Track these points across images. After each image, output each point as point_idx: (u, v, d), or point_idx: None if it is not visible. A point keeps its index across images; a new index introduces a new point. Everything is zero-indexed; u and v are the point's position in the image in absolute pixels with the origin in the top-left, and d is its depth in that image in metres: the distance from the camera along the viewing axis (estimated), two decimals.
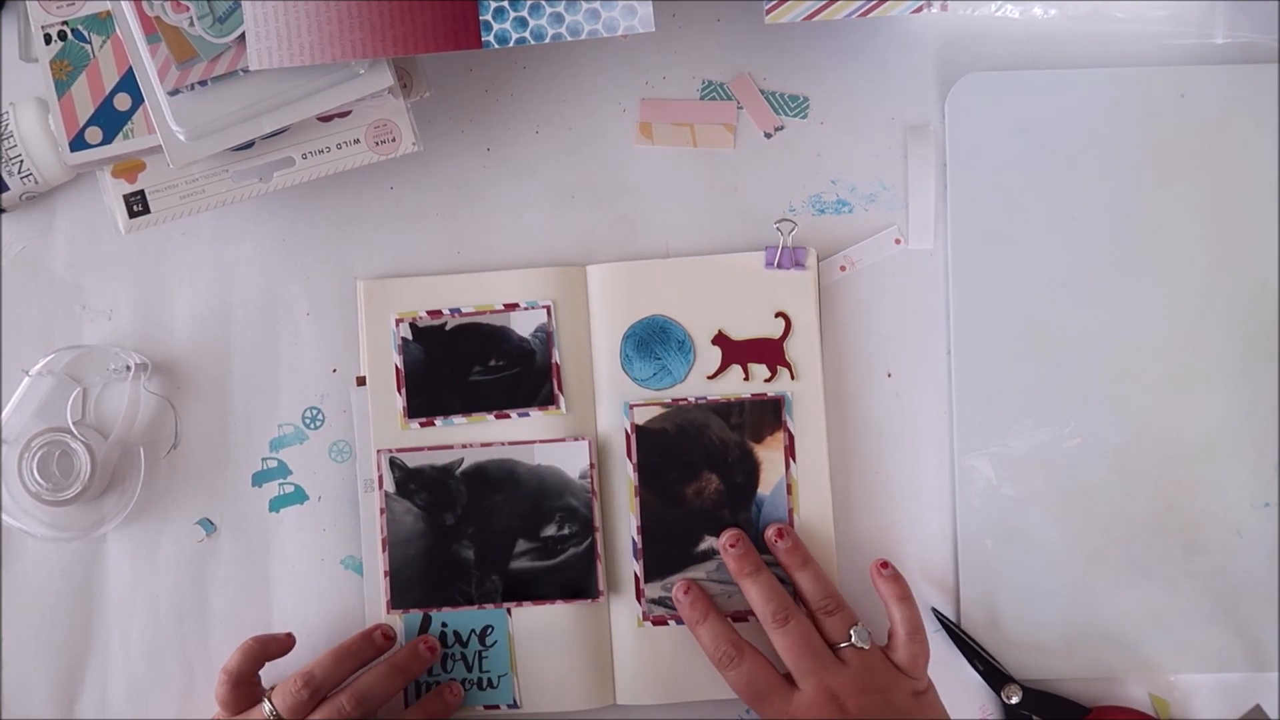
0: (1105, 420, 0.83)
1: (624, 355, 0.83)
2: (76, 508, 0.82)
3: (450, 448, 0.82)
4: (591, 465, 0.82)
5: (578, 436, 0.83)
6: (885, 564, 0.81)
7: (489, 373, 0.83)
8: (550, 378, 0.83)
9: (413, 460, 0.82)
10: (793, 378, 0.83)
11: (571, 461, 0.82)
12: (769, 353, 0.83)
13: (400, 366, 0.83)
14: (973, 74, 0.84)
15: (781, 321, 0.83)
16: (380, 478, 0.82)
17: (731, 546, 0.80)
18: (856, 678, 0.76)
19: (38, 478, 0.81)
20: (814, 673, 0.76)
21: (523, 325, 0.83)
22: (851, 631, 0.78)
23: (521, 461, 0.82)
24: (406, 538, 0.82)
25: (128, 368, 0.82)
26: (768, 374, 0.83)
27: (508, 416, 0.83)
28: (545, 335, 0.83)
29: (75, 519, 0.83)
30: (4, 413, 0.81)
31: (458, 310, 0.83)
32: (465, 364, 0.83)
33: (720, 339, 0.83)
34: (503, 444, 0.82)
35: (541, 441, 0.82)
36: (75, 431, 0.81)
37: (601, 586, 0.82)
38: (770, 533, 0.81)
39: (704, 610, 0.80)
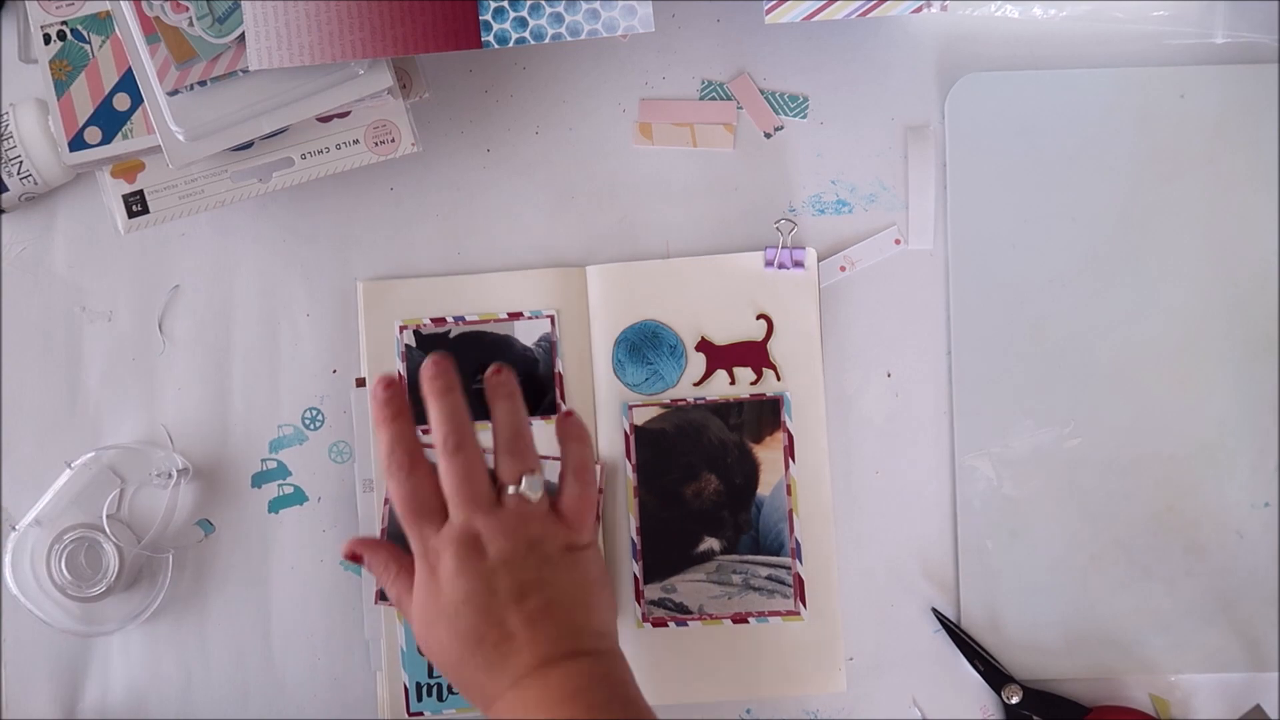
0: (1105, 420, 0.83)
1: (616, 360, 0.83)
2: (95, 605, 0.82)
3: None
4: (600, 490, 0.82)
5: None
6: (568, 412, 0.78)
7: None
8: (553, 387, 0.83)
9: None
10: (778, 379, 0.83)
11: None
12: (752, 355, 0.83)
13: (403, 373, 0.83)
14: (973, 74, 0.84)
15: (764, 323, 0.83)
16: None
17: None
18: (506, 523, 0.71)
19: (65, 571, 0.81)
20: (465, 508, 0.71)
21: (526, 334, 0.83)
22: (524, 477, 0.72)
23: None
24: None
25: (170, 475, 0.82)
26: (753, 377, 0.83)
27: None
28: (549, 345, 0.83)
29: (93, 614, 0.82)
30: (42, 501, 0.82)
31: (461, 318, 0.83)
32: (468, 372, 0.83)
33: (704, 345, 0.83)
34: None
35: (553, 458, 0.81)
36: (108, 530, 0.81)
37: None
38: (490, 369, 0.76)
39: (398, 409, 0.73)
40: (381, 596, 0.82)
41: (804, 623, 0.82)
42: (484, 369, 0.83)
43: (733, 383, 0.83)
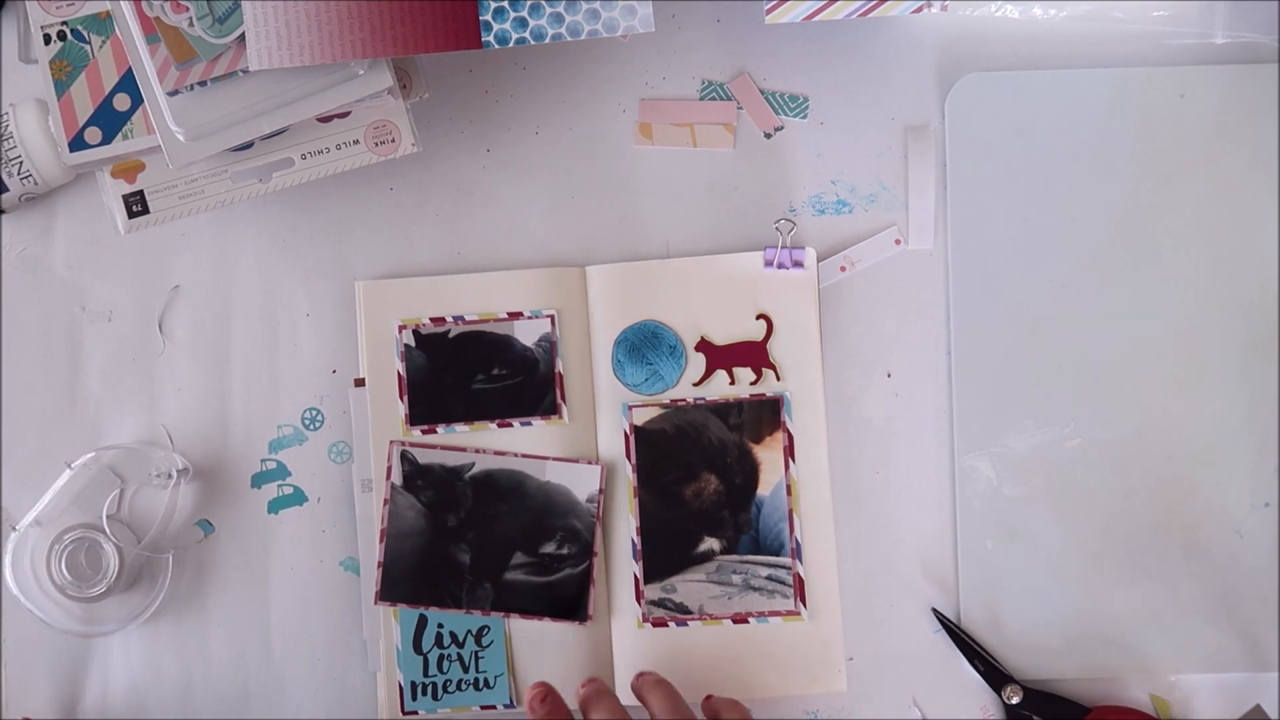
0: (1105, 420, 0.83)
1: (616, 361, 0.83)
2: (95, 605, 0.82)
3: (464, 450, 0.82)
4: (600, 490, 0.82)
5: (591, 460, 0.82)
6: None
7: (491, 381, 0.83)
8: (553, 387, 0.83)
9: (424, 456, 0.82)
10: (778, 379, 0.83)
11: (581, 483, 0.82)
12: (752, 355, 0.83)
13: (403, 373, 0.83)
14: (973, 74, 0.84)
15: (763, 323, 0.83)
16: (389, 469, 0.82)
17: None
18: None
19: (65, 571, 0.81)
20: None
21: (526, 334, 0.83)
22: None
23: (532, 476, 0.82)
24: (405, 533, 0.82)
25: (170, 475, 0.82)
26: (753, 377, 0.83)
27: (510, 425, 0.83)
28: (549, 345, 0.83)
29: (93, 614, 0.82)
30: (42, 501, 0.82)
31: (461, 318, 0.83)
32: (468, 372, 0.83)
33: (703, 345, 0.83)
34: (516, 455, 0.82)
35: (555, 459, 0.82)
36: (108, 531, 0.81)
37: (592, 611, 0.82)
38: (634, 679, 0.79)
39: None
40: (381, 597, 0.82)
41: (804, 623, 0.82)
42: (485, 368, 0.83)
43: (732, 383, 0.83)
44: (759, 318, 0.83)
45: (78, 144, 0.76)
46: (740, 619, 0.82)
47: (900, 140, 0.85)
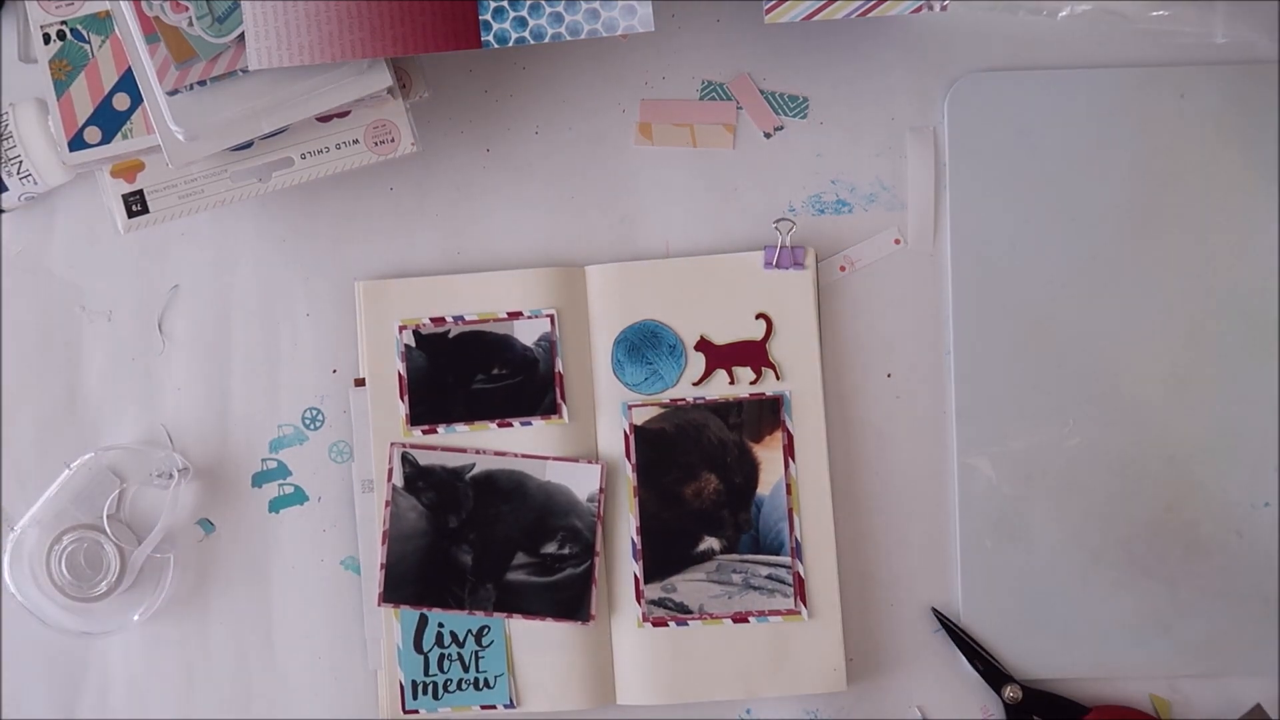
0: (1105, 420, 0.83)
1: (615, 360, 0.83)
2: (95, 605, 0.82)
3: (464, 450, 0.82)
4: (601, 490, 0.82)
5: (591, 459, 0.82)
6: None
7: (491, 381, 0.83)
8: (553, 387, 0.83)
9: (424, 458, 0.82)
10: (778, 378, 0.83)
11: (581, 482, 0.82)
12: (751, 355, 0.83)
13: (403, 374, 0.83)
14: (973, 74, 0.84)
15: (763, 323, 0.83)
16: (390, 470, 0.82)
17: None
18: None
19: (65, 572, 0.81)
20: None
21: (526, 334, 0.83)
22: None
23: (532, 476, 0.82)
24: (408, 534, 0.82)
25: (170, 475, 0.82)
26: (752, 376, 0.83)
27: (510, 425, 0.83)
28: (548, 344, 0.83)
29: (93, 614, 0.82)
30: (41, 501, 0.82)
31: (461, 318, 0.83)
32: (468, 372, 0.83)
33: (703, 344, 0.83)
34: (516, 455, 0.82)
35: (555, 459, 0.82)
36: (109, 531, 0.81)
37: (594, 610, 0.82)
38: None
39: None
40: (384, 599, 0.82)
41: (804, 622, 0.82)
42: (485, 368, 0.83)
43: (732, 382, 0.83)
44: (759, 317, 0.83)
45: (77, 143, 0.76)
46: (740, 618, 0.82)
47: (900, 140, 0.85)
